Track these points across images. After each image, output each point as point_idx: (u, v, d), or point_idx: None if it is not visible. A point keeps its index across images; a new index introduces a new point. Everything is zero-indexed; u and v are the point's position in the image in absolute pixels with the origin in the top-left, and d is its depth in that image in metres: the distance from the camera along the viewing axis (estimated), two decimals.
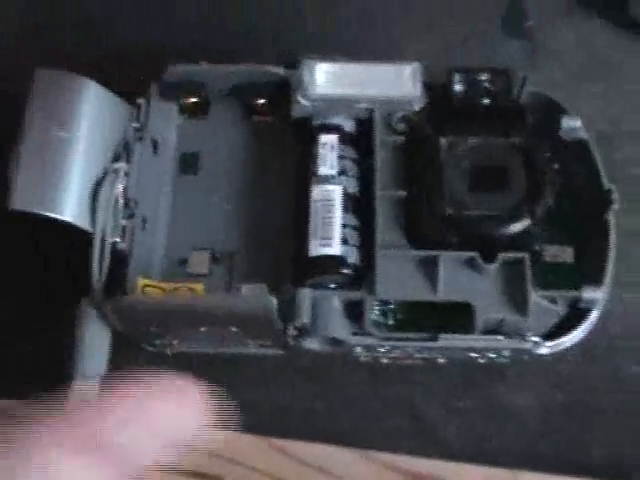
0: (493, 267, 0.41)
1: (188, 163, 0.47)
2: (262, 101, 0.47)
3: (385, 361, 0.44)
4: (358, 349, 0.43)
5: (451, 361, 0.44)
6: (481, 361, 0.44)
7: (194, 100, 0.47)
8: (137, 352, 0.44)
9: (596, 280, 0.43)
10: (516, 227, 0.42)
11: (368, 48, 0.53)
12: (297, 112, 0.45)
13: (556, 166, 0.46)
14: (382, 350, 0.43)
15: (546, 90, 0.47)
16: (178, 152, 0.47)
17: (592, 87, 0.54)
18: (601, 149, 0.46)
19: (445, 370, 0.45)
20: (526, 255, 0.42)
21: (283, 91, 0.46)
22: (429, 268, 0.42)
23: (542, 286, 0.44)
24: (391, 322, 0.43)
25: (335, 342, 0.42)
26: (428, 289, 0.42)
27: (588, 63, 0.55)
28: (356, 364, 0.44)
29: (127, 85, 0.45)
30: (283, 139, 0.46)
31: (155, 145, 0.46)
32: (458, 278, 0.42)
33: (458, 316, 0.42)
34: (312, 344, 0.42)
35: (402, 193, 0.43)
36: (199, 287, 0.43)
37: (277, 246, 0.44)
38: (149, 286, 0.43)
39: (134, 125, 0.45)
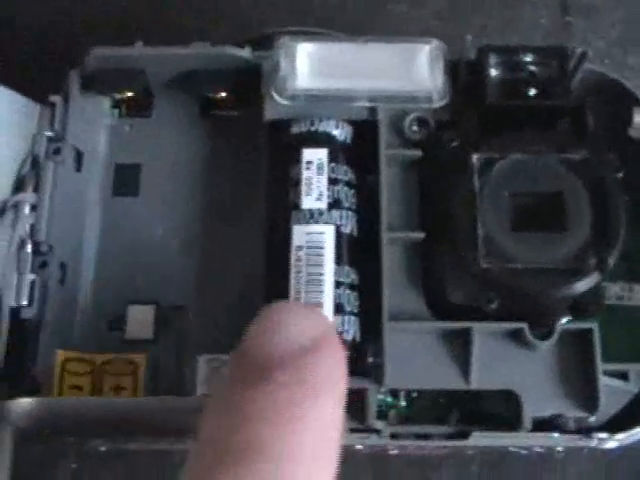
0: (547, 343, 0.28)
1: (125, 179, 0.32)
2: (223, 95, 0.32)
3: (394, 452, 0.31)
4: (358, 445, 0.30)
5: (482, 452, 0.31)
6: (523, 452, 0.31)
7: (130, 94, 0.32)
8: (55, 449, 0.31)
9: None
10: (581, 286, 0.28)
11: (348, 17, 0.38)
12: (271, 113, 0.30)
13: (620, 175, 0.32)
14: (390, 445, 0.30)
15: None
16: (111, 164, 0.32)
17: None
18: None
19: (475, 464, 0.31)
20: (595, 325, 0.28)
21: (250, 79, 0.31)
22: (458, 345, 0.28)
23: (601, 343, 0.30)
24: (403, 404, 0.30)
25: None
26: (456, 374, 0.28)
27: (637, 23, 0.40)
28: (354, 457, 0.31)
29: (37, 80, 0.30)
30: (253, 143, 0.32)
31: (78, 158, 0.32)
32: (498, 358, 0.28)
33: (496, 404, 0.29)
34: None
35: (419, 235, 0.29)
36: (141, 360, 0.30)
37: (244, 296, 0.30)
38: (71, 361, 0.30)
39: (47, 134, 0.31)
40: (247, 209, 0.31)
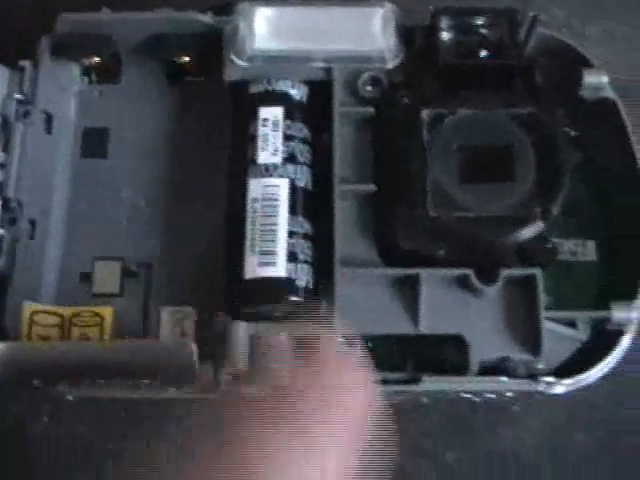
0: (493, 289, 0.29)
1: (93, 143, 0.33)
2: (187, 59, 0.33)
3: None
4: None
5: (436, 400, 0.32)
6: (476, 400, 0.31)
7: (98, 60, 0.33)
8: (30, 401, 0.32)
9: (627, 291, 0.31)
10: (525, 233, 0.29)
11: None
12: (231, 74, 0.32)
13: (572, 133, 0.33)
14: None
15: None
16: (80, 128, 0.34)
17: (602, 24, 0.40)
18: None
19: (429, 412, 0.32)
20: (538, 271, 0.29)
21: (214, 45, 0.32)
22: (407, 291, 0.29)
23: (554, 296, 0.31)
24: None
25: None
26: (406, 319, 0.29)
27: None
28: None
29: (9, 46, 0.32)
30: (217, 108, 0.33)
31: (48, 121, 0.33)
32: (446, 304, 0.29)
33: (447, 350, 0.30)
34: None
35: (370, 187, 0.30)
36: (107, 312, 0.31)
37: (207, 253, 0.31)
38: (39, 313, 0.31)
39: (16, 96, 0.32)
40: (211, 170, 0.32)
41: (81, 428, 0.33)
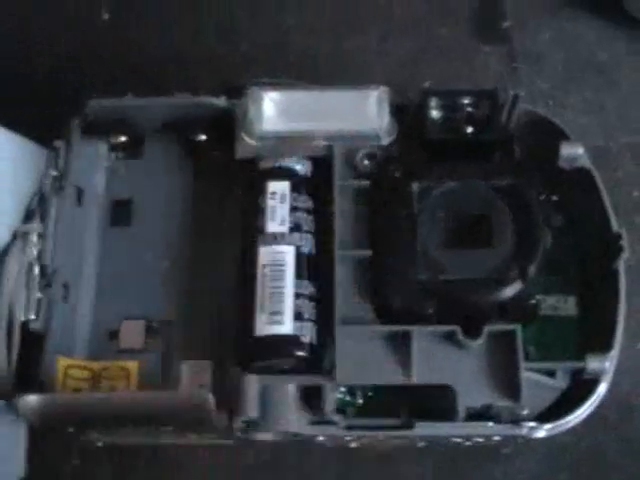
0: (477, 343, 0.32)
1: (119, 212, 0.37)
2: (202, 137, 0.37)
3: (354, 445, 0.36)
4: (320, 437, 0.34)
5: (431, 444, 0.35)
6: (467, 444, 0.35)
7: (123, 138, 0.38)
8: (63, 445, 0.36)
9: (603, 342, 0.34)
10: (505, 293, 0.33)
11: (321, 67, 0.43)
12: (242, 152, 0.36)
13: (555, 198, 0.37)
14: (348, 438, 0.34)
15: (530, 102, 0.37)
16: (108, 199, 0.38)
17: (583, 95, 0.44)
18: (597, 167, 0.36)
19: (424, 455, 0.36)
20: (517, 327, 0.33)
21: (227, 124, 0.36)
22: (400, 346, 0.33)
23: (537, 347, 0.35)
24: (360, 402, 0.34)
25: (291, 434, 0.33)
26: (400, 371, 0.33)
27: (577, 67, 0.45)
28: (320, 451, 0.35)
29: (40, 126, 0.36)
30: (230, 181, 0.37)
31: (79, 194, 0.37)
32: (435, 357, 0.33)
33: (438, 398, 0.33)
34: (264, 436, 0.34)
35: (366, 253, 0.34)
36: (133, 366, 0.35)
37: (222, 313, 0.35)
38: (73, 367, 0.35)
39: (52, 173, 0.36)
40: (225, 237, 0.36)
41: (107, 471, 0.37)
